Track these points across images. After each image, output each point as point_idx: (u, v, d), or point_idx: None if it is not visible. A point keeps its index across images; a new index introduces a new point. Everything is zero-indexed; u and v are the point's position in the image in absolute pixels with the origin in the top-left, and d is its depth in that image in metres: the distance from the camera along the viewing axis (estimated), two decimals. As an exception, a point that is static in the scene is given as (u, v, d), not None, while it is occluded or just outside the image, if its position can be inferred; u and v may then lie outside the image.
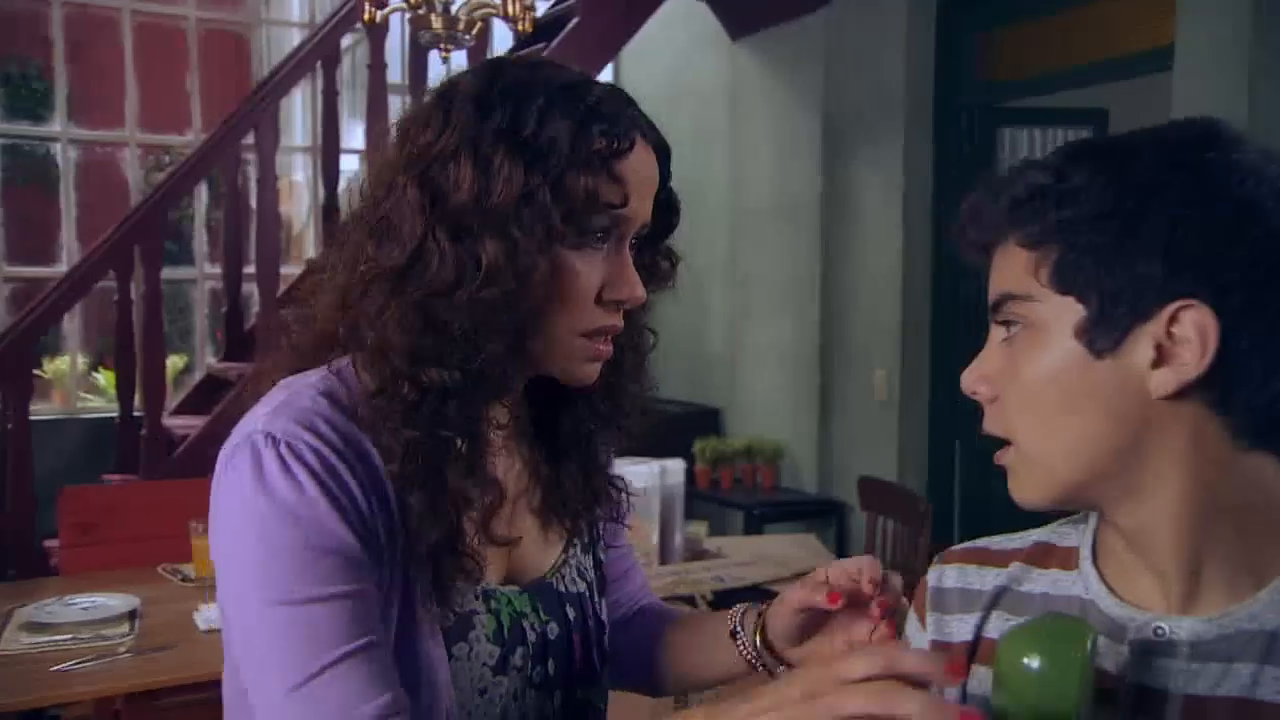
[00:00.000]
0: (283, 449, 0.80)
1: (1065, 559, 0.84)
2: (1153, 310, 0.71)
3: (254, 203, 4.19)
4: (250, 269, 4.22)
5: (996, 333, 0.80)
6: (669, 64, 5.49)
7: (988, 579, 0.87)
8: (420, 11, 2.50)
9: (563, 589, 1.00)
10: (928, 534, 3.07)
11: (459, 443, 0.85)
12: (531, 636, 0.95)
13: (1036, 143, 4.35)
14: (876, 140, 4.26)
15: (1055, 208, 0.74)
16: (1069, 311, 0.73)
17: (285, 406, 0.83)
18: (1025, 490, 0.78)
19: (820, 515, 4.50)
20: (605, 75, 4.76)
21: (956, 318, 4.21)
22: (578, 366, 0.89)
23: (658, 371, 1.03)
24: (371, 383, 0.85)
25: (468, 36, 2.64)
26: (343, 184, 4.30)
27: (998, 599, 0.85)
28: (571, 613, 1.00)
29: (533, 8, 2.69)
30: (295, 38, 5.76)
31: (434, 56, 4.53)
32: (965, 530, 4.18)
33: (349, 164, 4.51)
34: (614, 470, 1.06)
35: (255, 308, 4.43)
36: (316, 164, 5.13)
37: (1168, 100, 3.26)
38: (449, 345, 0.83)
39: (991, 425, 0.79)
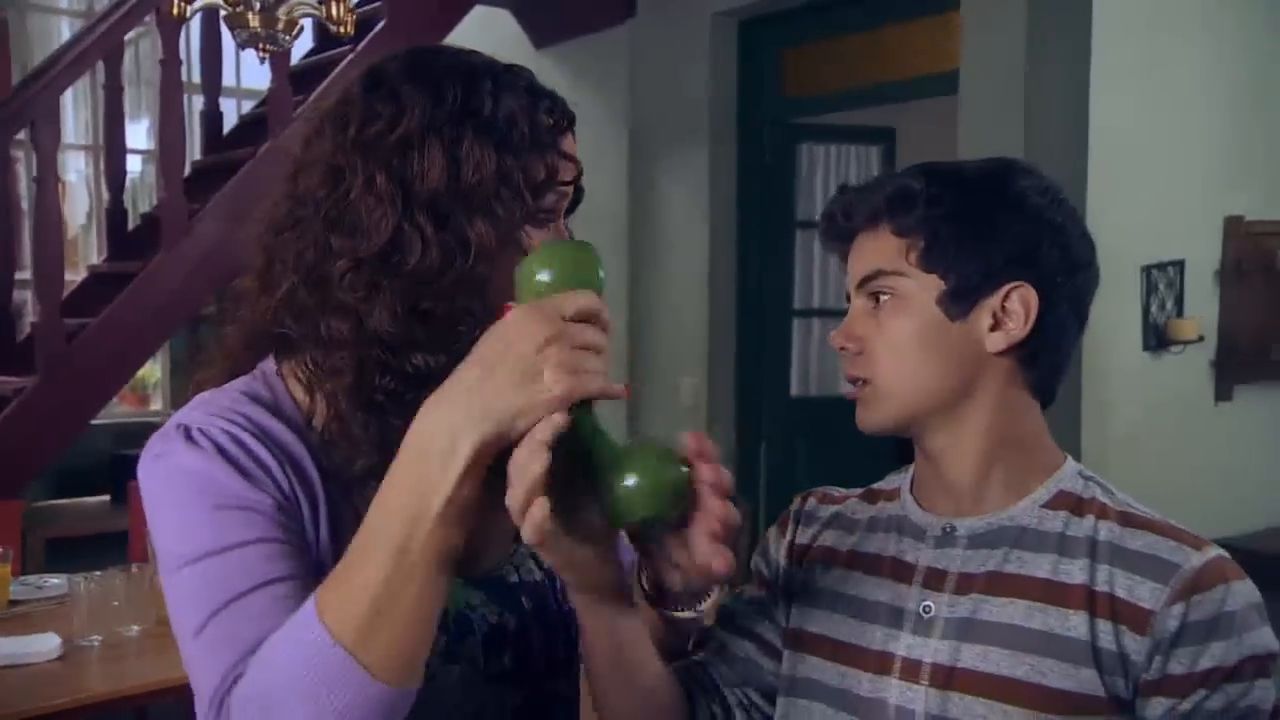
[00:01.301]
0: (194, 432, 0.85)
1: (890, 495, 1.12)
2: (993, 288, 0.98)
3: (26, 204, 3.88)
4: (22, 275, 3.91)
5: (861, 303, 1.03)
6: (471, 70, 5.43)
7: (828, 508, 1.15)
8: (237, 9, 2.40)
9: (515, 579, 0.98)
10: (748, 534, 3.17)
11: None
12: (482, 628, 0.94)
13: (832, 158, 4.59)
14: (682, 152, 4.37)
15: (924, 206, 0.98)
16: (932, 286, 0.99)
17: (202, 404, 0.88)
18: (877, 416, 1.02)
19: (632, 520, 4.56)
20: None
21: (762, 325, 4.38)
22: None
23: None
24: (311, 378, 0.88)
25: (287, 37, 2.55)
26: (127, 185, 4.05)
27: (831, 520, 1.14)
28: (528, 603, 0.98)
29: (354, 10, 2.62)
30: (64, 26, 5.37)
31: (228, 54, 4.35)
32: (770, 525, 4.33)
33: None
34: None
35: (30, 317, 4.10)
36: (96, 163, 4.80)
37: (948, 121, 3.51)
38: (433, 330, 0.85)
39: (856, 370, 1.02)
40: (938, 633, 0.99)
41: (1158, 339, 3.39)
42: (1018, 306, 0.98)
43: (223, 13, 2.49)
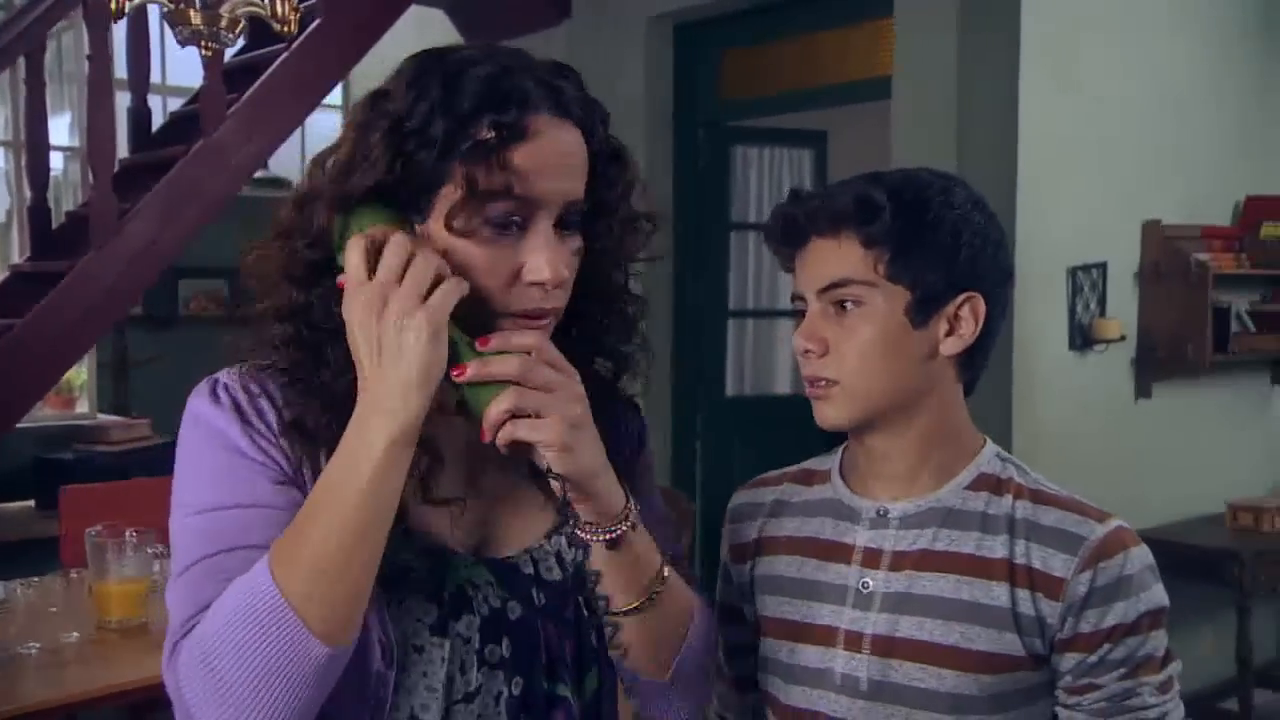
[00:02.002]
0: (219, 387, 0.92)
1: (822, 477, 1.22)
2: (950, 298, 1.08)
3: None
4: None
5: (821, 308, 1.09)
6: (403, 70, 5.39)
7: (766, 495, 1.25)
8: (179, 6, 2.35)
9: (530, 571, 0.98)
10: (691, 532, 3.21)
11: None
12: (483, 610, 0.94)
13: (765, 161, 4.65)
14: (619, 154, 4.39)
15: (891, 218, 1.06)
16: (898, 296, 1.07)
17: (238, 365, 0.94)
18: (840, 413, 1.10)
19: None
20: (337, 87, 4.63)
21: (698, 326, 4.43)
22: None
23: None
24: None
25: (230, 35, 2.51)
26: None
27: (774, 508, 1.23)
28: (541, 598, 0.97)
29: (299, 9, 2.60)
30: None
31: (153, 50, 4.26)
32: (706, 525, 4.38)
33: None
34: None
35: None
36: (18, 160, 4.66)
37: (880, 125, 3.59)
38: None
39: (821, 372, 1.09)
40: (876, 606, 1.10)
41: (1082, 338, 3.50)
42: (968, 314, 1.09)
43: (162, 10, 2.45)
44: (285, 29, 2.52)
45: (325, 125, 5.90)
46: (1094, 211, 3.53)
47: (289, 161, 5.21)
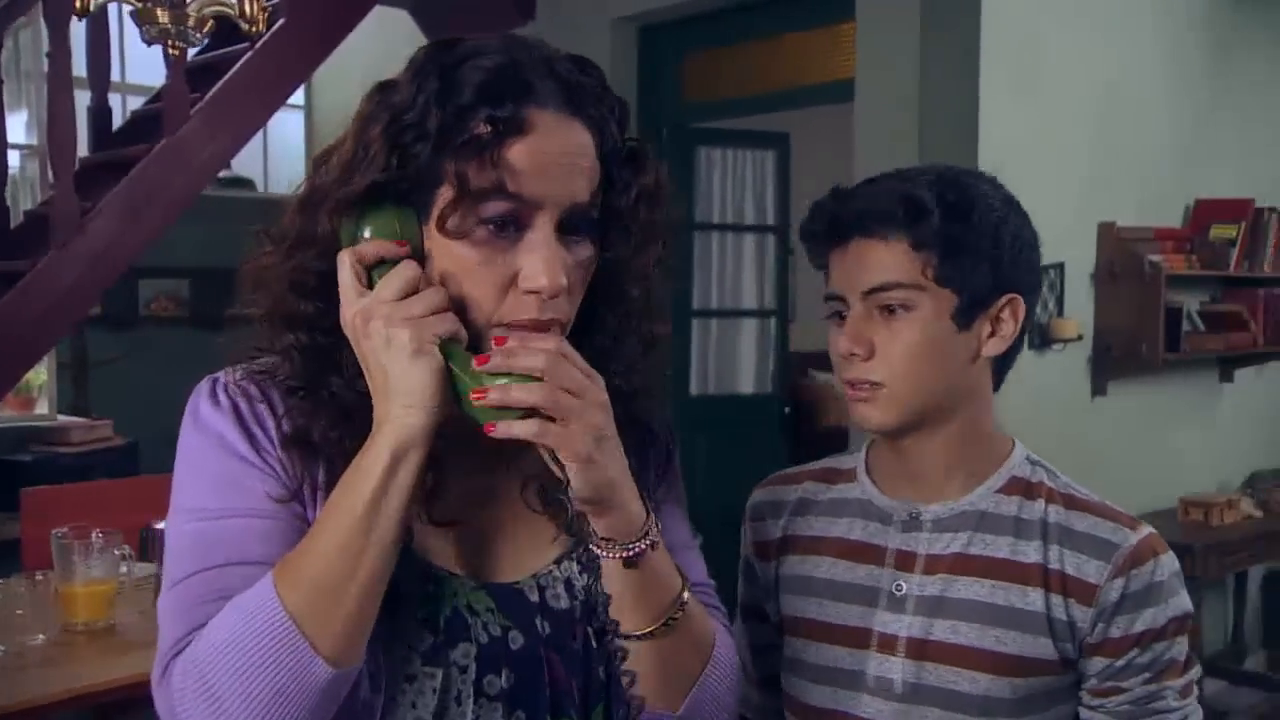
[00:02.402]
0: (218, 387, 0.88)
1: (847, 476, 1.20)
2: (993, 300, 1.08)
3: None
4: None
5: (863, 309, 1.07)
6: (367, 72, 5.36)
7: (790, 493, 1.23)
8: (146, 4, 2.34)
9: (536, 599, 0.91)
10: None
11: None
12: (481, 638, 0.88)
13: (729, 162, 4.69)
14: (583, 154, 4.41)
15: (940, 220, 1.04)
16: (945, 300, 1.06)
17: (243, 365, 0.90)
18: (885, 417, 1.08)
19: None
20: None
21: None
22: None
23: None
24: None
25: (198, 34, 2.50)
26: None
27: (798, 506, 1.21)
28: (545, 627, 0.91)
29: (267, 9, 2.59)
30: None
31: (115, 47, 4.22)
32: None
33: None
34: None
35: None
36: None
37: (842, 127, 3.64)
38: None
39: (865, 375, 1.07)
40: (910, 609, 1.10)
41: (1041, 338, 3.57)
42: (1009, 315, 1.09)
43: (128, 8, 2.44)
44: (253, 29, 2.51)
45: (288, 125, 5.88)
46: (1051, 213, 3.56)
47: (251, 161, 5.19)
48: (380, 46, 5.29)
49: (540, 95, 0.82)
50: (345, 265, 0.81)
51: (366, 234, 0.82)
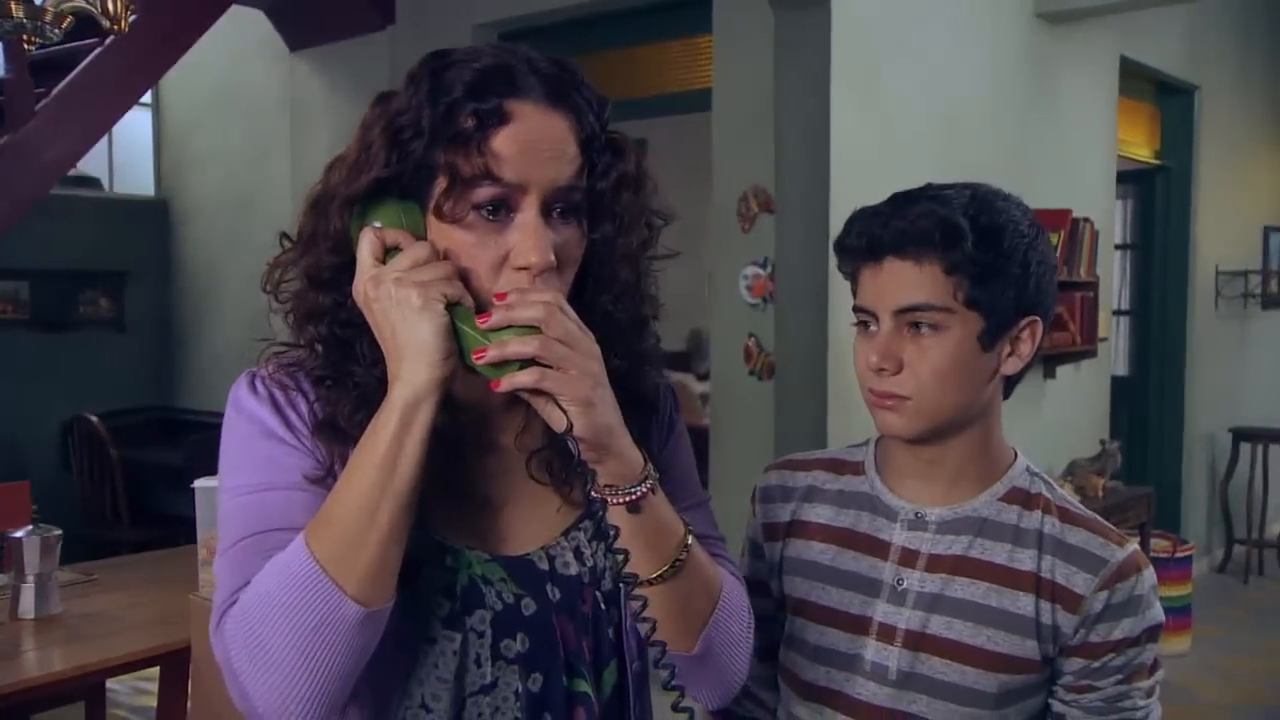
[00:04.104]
0: (256, 381, 0.96)
1: (855, 469, 1.27)
2: (1016, 322, 1.14)
3: None
4: None
5: (894, 326, 1.12)
6: (219, 74, 5.29)
7: (799, 479, 1.30)
8: (-1, -2, 2.28)
9: (545, 567, 0.98)
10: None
11: None
12: (496, 605, 0.95)
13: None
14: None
15: (973, 246, 1.09)
16: (973, 321, 1.11)
17: (279, 359, 0.97)
18: (909, 427, 1.14)
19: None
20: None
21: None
22: None
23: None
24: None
25: (57, 30, 2.44)
26: None
27: (807, 493, 1.29)
28: (556, 593, 0.97)
29: (130, 7, 2.55)
30: None
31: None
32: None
33: None
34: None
35: None
36: None
37: (697, 135, 3.76)
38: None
39: (894, 389, 1.13)
40: (910, 603, 1.17)
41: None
42: (1028, 336, 1.16)
43: (-23, 2, 2.36)
44: (116, 26, 2.47)
45: (135, 124, 5.69)
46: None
47: (95, 159, 5.01)
48: (231, 46, 5.21)
49: (522, 88, 0.88)
50: (366, 240, 0.88)
51: (376, 226, 0.89)
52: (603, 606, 0.99)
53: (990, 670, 1.14)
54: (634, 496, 0.90)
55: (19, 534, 2.44)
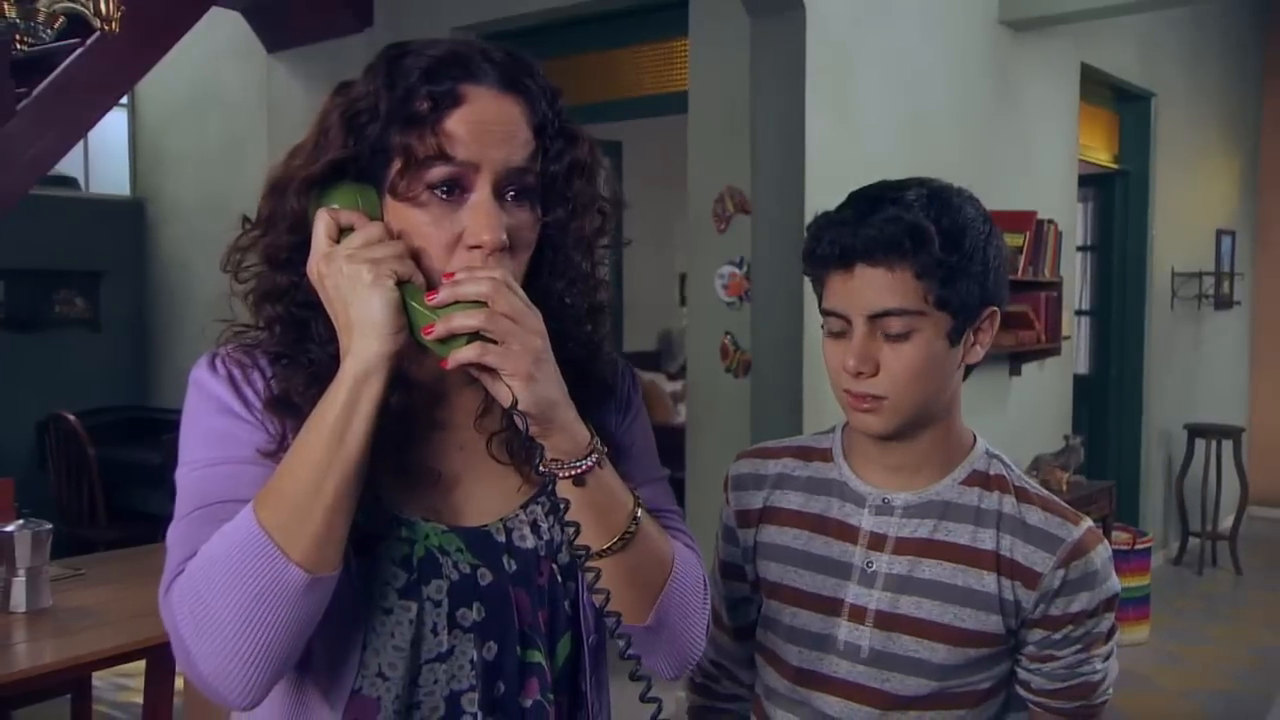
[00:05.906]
0: (216, 361, 0.97)
1: (823, 455, 1.32)
2: (978, 314, 1.19)
3: None
4: None
5: (868, 330, 1.16)
6: (195, 74, 5.30)
7: (770, 467, 1.34)
8: (-9, -4, 2.30)
9: (502, 539, 0.99)
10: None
11: None
12: (453, 575, 0.96)
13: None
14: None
15: (940, 250, 1.13)
16: (942, 320, 1.16)
17: (240, 341, 0.99)
18: (887, 425, 1.19)
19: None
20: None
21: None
22: None
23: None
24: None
25: (49, 30, 2.47)
26: None
27: (778, 480, 1.33)
28: (512, 565, 0.99)
29: (123, 8, 2.59)
30: None
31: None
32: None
33: None
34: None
35: None
36: None
37: (672, 138, 3.83)
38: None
39: (872, 389, 1.17)
40: (879, 585, 1.23)
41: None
42: (988, 326, 1.21)
43: (-29, 1, 2.38)
44: (108, 27, 2.50)
45: (111, 124, 5.69)
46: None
47: (72, 159, 5.01)
48: (208, 46, 5.22)
49: (476, 73, 0.91)
50: (321, 220, 0.90)
51: (332, 208, 0.92)
52: (559, 579, 1.01)
53: (958, 645, 1.20)
54: (580, 469, 0.92)
55: (10, 528, 2.46)
